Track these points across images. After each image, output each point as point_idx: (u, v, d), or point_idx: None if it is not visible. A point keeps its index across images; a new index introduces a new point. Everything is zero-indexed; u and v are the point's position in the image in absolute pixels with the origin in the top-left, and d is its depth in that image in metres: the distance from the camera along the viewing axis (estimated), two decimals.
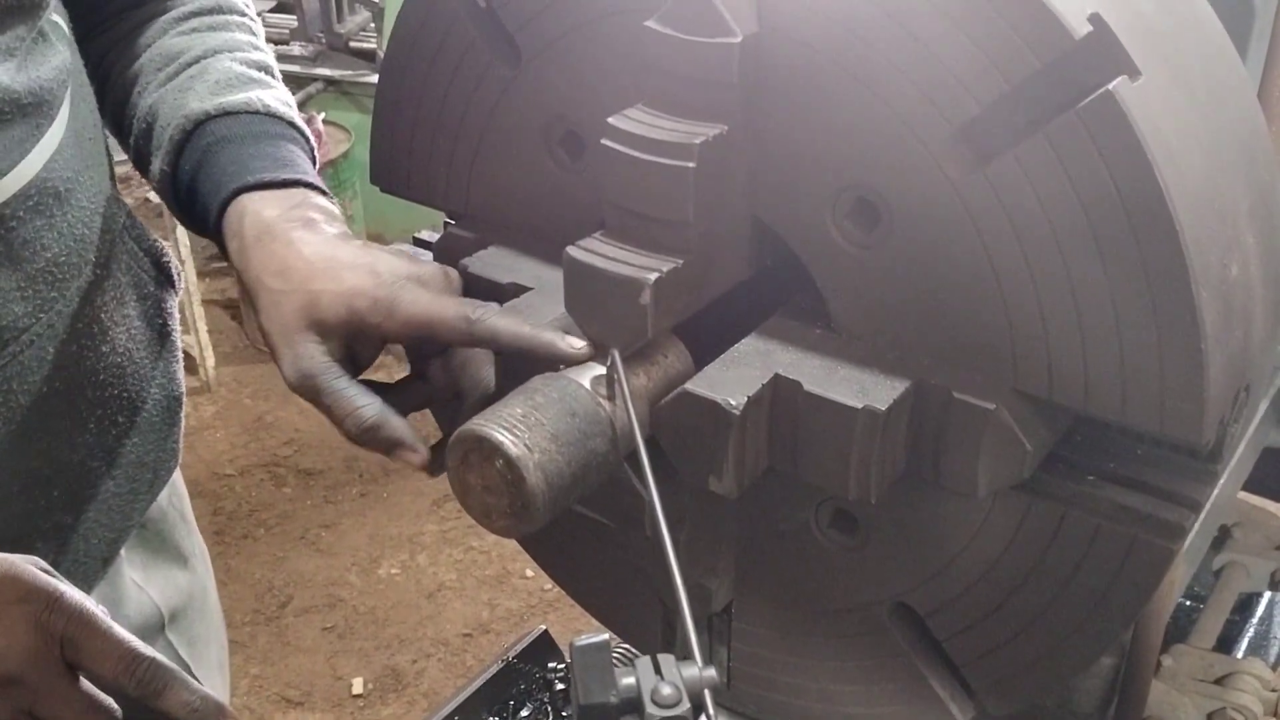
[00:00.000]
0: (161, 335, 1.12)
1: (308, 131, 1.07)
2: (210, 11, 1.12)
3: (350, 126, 4.23)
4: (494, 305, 0.82)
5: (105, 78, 1.09)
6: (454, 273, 0.89)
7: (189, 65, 1.07)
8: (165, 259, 1.14)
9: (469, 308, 0.81)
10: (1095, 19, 0.63)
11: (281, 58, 4.34)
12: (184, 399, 1.16)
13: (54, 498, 0.98)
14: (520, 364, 0.78)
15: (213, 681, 1.24)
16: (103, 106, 1.07)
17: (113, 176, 1.05)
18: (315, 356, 0.84)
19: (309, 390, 0.84)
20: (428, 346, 0.88)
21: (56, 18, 0.96)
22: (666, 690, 0.53)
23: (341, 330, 0.84)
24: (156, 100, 1.06)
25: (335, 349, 0.85)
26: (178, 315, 1.16)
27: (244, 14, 1.15)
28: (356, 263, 0.86)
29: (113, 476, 1.05)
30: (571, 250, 0.75)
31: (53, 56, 0.93)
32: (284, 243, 0.90)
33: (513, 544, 1.47)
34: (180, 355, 1.16)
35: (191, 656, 1.21)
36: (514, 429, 0.70)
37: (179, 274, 1.17)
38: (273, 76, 1.10)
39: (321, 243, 0.89)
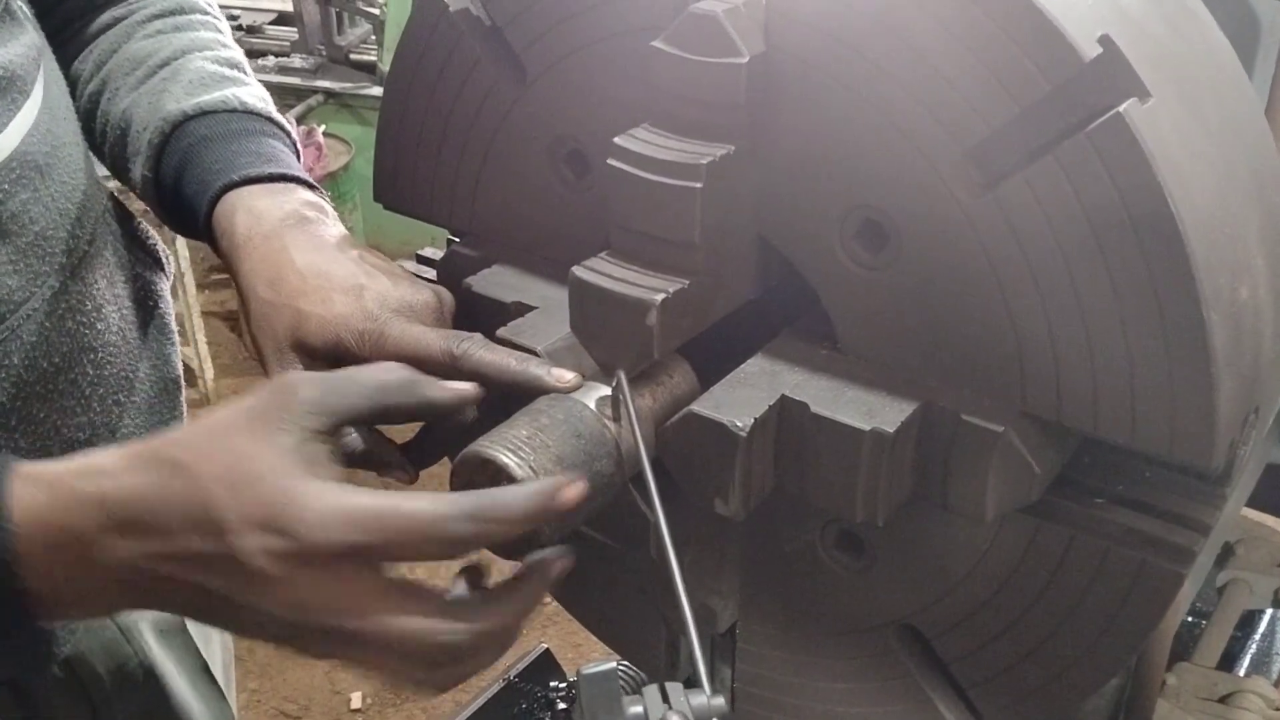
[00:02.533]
0: (153, 316, 1.12)
1: (288, 126, 1.06)
2: (173, 13, 1.12)
3: (351, 139, 4.23)
4: (478, 337, 0.81)
5: (72, 86, 1.09)
6: (448, 297, 0.88)
7: (160, 67, 1.06)
8: (151, 242, 1.14)
9: (453, 342, 0.80)
10: (1105, 41, 0.62)
11: (282, 70, 4.37)
12: (182, 383, 1.16)
13: None
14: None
15: (215, 689, 1.23)
16: None
17: (88, 159, 1.05)
18: None
19: None
20: None
21: (21, 2, 0.96)
22: (675, 719, 0.53)
23: (328, 356, 0.85)
24: (130, 105, 1.05)
25: (322, 370, 0.84)
26: (169, 299, 1.16)
27: (207, 13, 1.15)
28: (347, 284, 0.85)
29: None
30: (577, 270, 0.75)
31: (21, 35, 0.93)
32: (277, 246, 0.89)
33: None
34: (175, 339, 1.16)
35: (208, 654, 1.21)
36: (519, 451, 0.69)
37: (167, 257, 1.17)
38: (245, 73, 1.09)
39: (315, 250, 0.89)
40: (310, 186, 0.99)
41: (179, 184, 1.00)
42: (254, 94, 1.05)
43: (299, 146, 1.06)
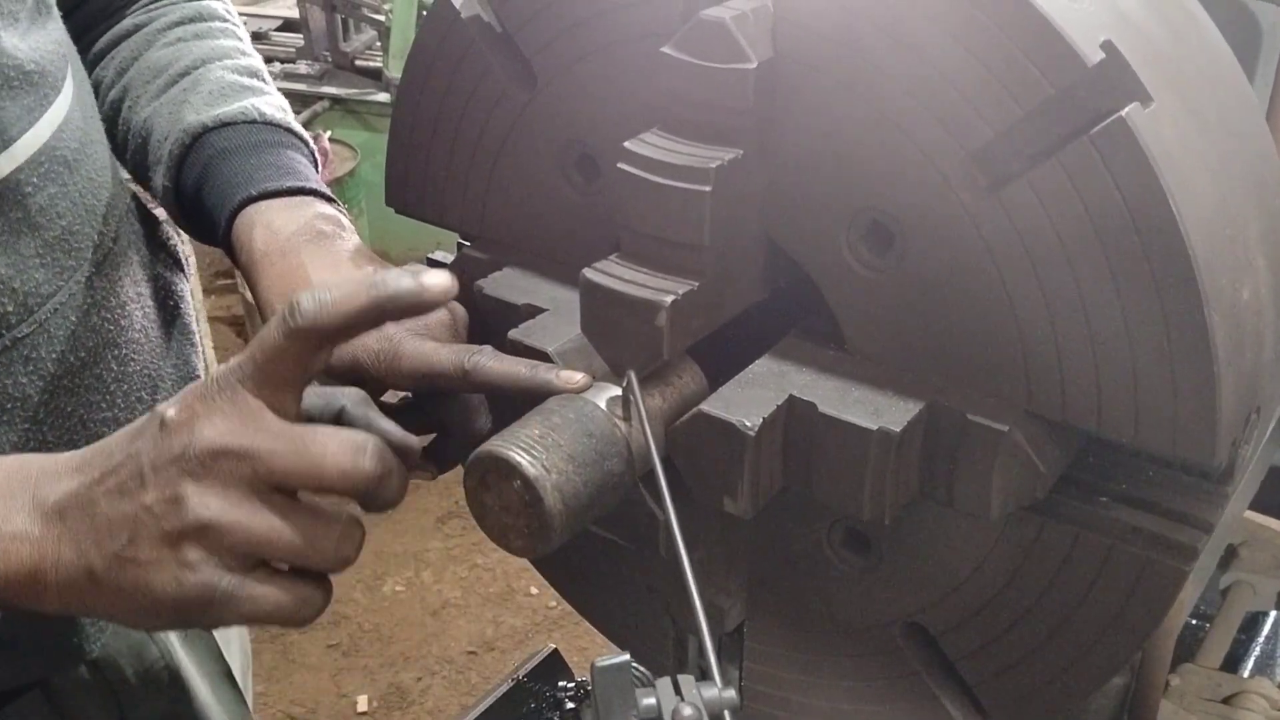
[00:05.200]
0: (175, 317, 1.14)
1: (306, 136, 1.08)
2: (192, 20, 1.13)
3: (356, 145, 4.25)
4: (488, 349, 0.82)
5: (94, 92, 1.10)
6: (461, 313, 0.89)
7: (180, 77, 1.07)
8: (171, 243, 1.15)
9: (464, 356, 0.81)
10: (1108, 46, 0.63)
11: (288, 76, 4.39)
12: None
13: None
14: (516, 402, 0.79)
15: (236, 693, 1.24)
16: None
17: (113, 158, 1.06)
18: None
19: None
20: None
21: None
22: (687, 711, 0.53)
23: (344, 375, 0.86)
24: (151, 114, 1.07)
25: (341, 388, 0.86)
26: (190, 302, 1.17)
27: (226, 19, 1.16)
28: None
29: None
30: (587, 272, 0.76)
31: (53, 29, 0.95)
32: (294, 263, 0.91)
33: (518, 561, 1.46)
34: (196, 341, 1.17)
35: (228, 657, 1.23)
36: (531, 450, 0.70)
37: (188, 260, 1.18)
38: (264, 81, 1.10)
39: (331, 267, 0.90)
40: (328, 199, 1.00)
41: (199, 195, 1.01)
42: (273, 104, 1.07)
43: (317, 155, 1.07)
